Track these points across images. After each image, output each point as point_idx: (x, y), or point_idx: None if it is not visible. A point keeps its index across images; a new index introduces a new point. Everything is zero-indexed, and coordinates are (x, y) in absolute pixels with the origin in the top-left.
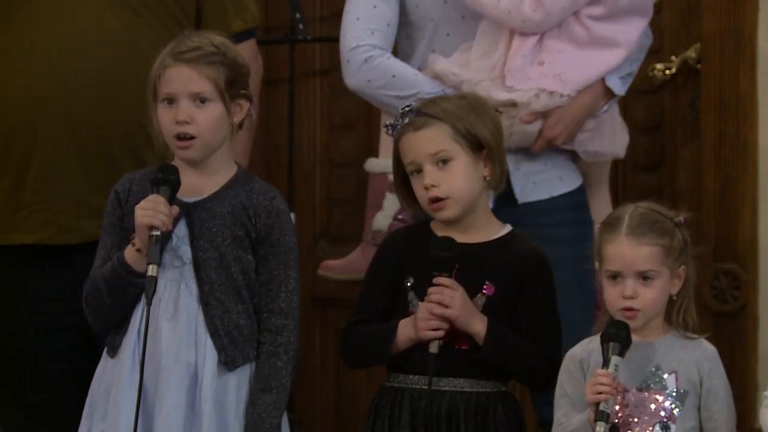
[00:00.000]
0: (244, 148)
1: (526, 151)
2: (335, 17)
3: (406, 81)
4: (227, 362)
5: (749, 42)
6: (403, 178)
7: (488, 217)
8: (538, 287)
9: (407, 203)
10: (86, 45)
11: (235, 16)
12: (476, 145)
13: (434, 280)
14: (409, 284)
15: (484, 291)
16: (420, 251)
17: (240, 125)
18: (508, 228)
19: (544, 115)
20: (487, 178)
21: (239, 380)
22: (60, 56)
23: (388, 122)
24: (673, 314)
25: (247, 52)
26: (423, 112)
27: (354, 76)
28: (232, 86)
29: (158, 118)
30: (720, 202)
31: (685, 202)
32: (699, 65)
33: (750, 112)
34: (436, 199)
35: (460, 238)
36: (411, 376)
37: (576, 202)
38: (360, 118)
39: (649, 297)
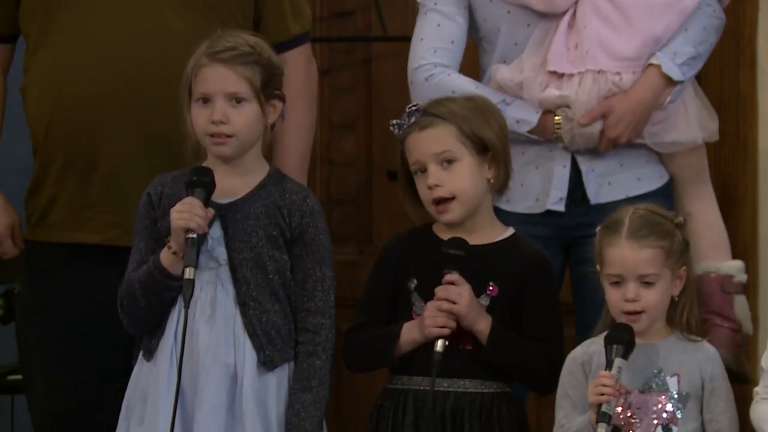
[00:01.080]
0: (304, 153)
1: (600, 152)
2: (335, 17)
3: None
4: (266, 362)
5: (749, 42)
6: (408, 178)
7: (491, 219)
8: (539, 289)
9: (411, 203)
10: (153, 47)
11: (293, 20)
12: (481, 147)
13: (444, 279)
14: (412, 286)
15: (488, 292)
16: (423, 253)
17: (272, 126)
18: (510, 230)
19: (603, 115)
20: (491, 181)
21: (279, 380)
22: (125, 57)
23: (394, 121)
24: (675, 316)
25: (303, 55)
26: (429, 112)
27: (417, 96)
28: (267, 86)
29: (192, 118)
30: (720, 202)
31: None
32: None
33: (750, 112)
34: (440, 200)
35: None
36: (415, 378)
37: (657, 202)
38: (360, 118)
39: (652, 299)
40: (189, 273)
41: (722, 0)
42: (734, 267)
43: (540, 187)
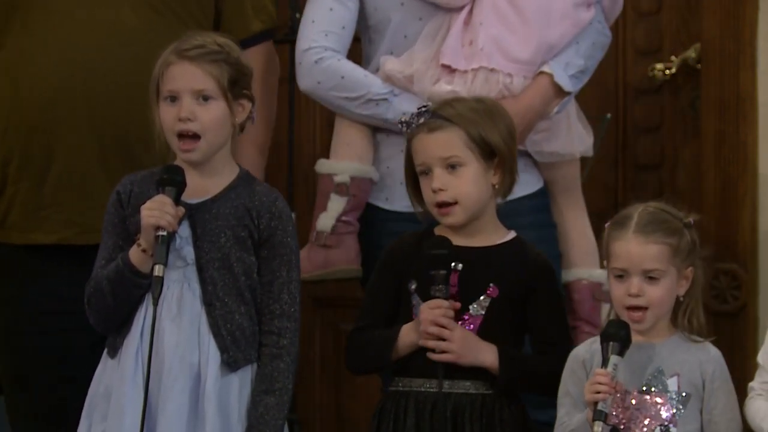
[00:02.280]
0: (262, 147)
1: None
2: None
3: (355, 82)
4: (230, 363)
5: (749, 42)
6: (414, 177)
7: (494, 223)
8: (545, 294)
9: (417, 202)
10: (107, 44)
11: (254, 17)
12: (488, 152)
13: (429, 302)
14: (412, 288)
15: (488, 293)
16: (424, 256)
17: (242, 127)
18: (512, 234)
19: None
20: (496, 186)
21: (241, 381)
22: (81, 55)
23: (403, 119)
24: (678, 315)
25: (265, 52)
26: (438, 115)
27: (305, 78)
28: (235, 86)
29: (160, 117)
30: (720, 202)
31: (685, 202)
32: (699, 65)
33: (750, 112)
34: (443, 204)
35: (466, 242)
36: (416, 380)
37: (535, 205)
38: None
39: (656, 295)
40: (158, 270)
41: (609, 19)
42: (604, 275)
43: None
